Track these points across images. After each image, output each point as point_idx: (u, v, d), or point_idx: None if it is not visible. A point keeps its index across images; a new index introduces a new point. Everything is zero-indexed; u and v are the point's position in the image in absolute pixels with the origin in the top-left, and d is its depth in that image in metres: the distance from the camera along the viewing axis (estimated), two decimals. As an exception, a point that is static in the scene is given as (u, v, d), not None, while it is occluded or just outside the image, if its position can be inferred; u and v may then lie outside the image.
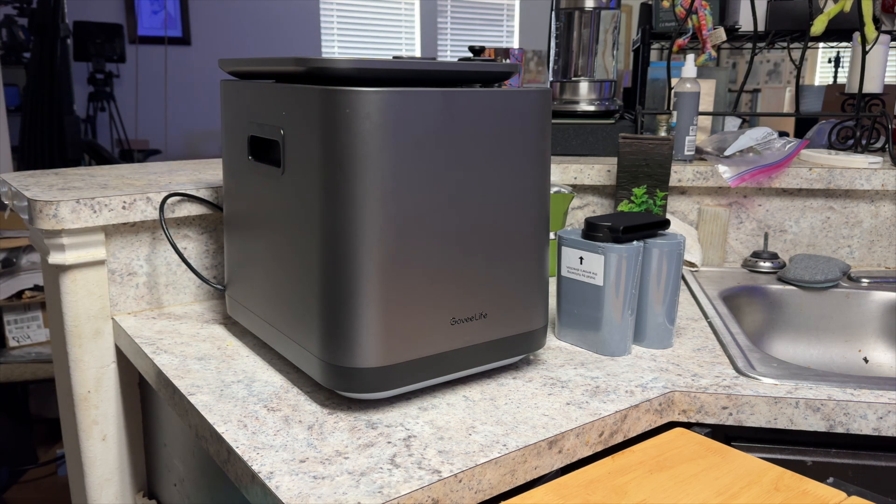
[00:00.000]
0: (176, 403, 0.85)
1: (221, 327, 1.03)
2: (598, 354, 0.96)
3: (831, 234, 1.43)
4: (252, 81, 0.87)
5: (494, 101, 0.78)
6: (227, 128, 0.94)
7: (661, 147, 1.30)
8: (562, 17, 1.55)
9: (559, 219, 1.27)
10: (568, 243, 0.97)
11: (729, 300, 1.23)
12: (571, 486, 0.70)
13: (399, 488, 0.64)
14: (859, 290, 1.28)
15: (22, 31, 3.82)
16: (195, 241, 1.12)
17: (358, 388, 0.76)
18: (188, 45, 4.85)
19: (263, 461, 0.68)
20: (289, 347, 0.83)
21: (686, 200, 1.44)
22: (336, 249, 0.73)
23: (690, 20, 1.64)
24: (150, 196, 1.03)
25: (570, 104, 1.56)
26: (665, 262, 0.96)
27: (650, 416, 0.83)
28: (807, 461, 0.87)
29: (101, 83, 4.32)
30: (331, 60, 0.72)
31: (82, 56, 4.25)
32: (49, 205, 0.95)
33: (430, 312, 0.77)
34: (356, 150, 0.71)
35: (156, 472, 1.11)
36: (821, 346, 1.29)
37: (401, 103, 0.72)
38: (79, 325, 1.02)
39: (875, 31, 1.46)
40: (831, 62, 5.67)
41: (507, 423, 0.76)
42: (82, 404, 1.05)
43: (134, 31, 4.64)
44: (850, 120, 1.55)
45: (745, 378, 0.89)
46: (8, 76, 3.76)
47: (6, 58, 3.79)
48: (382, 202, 0.72)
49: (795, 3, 1.77)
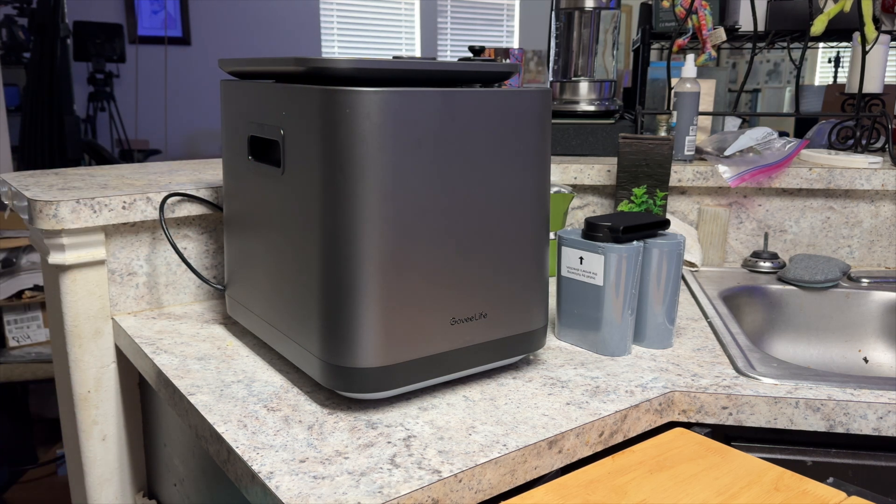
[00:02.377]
0: (176, 403, 0.85)
1: (221, 327, 1.03)
2: (598, 354, 0.96)
3: (831, 234, 1.43)
4: (252, 81, 0.87)
5: (494, 101, 0.78)
6: (227, 128, 0.94)
7: (661, 147, 1.30)
8: (562, 17, 1.55)
9: (559, 219, 1.27)
10: (568, 243, 0.97)
11: (729, 300, 1.23)
12: (571, 486, 0.70)
13: (399, 488, 0.64)
14: (859, 290, 1.28)
15: (22, 31, 3.82)
16: (195, 241, 1.12)
17: (358, 388, 0.76)
18: (188, 45, 4.85)
19: (263, 461, 0.68)
20: (289, 347, 0.83)
21: (686, 200, 1.44)
22: (336, 249, 0.73)
23: (690, 20, 1.64)
24: (150, 196, 1.03)
25: (570, 104, 1.56)
26: (665, 262, 0.96)
27: (650, 416, 0.83)
28: (807, 461, 0.87)
29: (101, 83, 4.32)
30: (331, 60, 0.72)
31: (82, 56, 4.25)
32: (49, 205, 0.95)
33: (430, 312, 0.77)
34: (356, 150, 0.71)
35: (156, 472, 1.11)
36: (821, 346, 1.29)
37: (401, 103, 0.72)
38: (79, 325, 1.02)
39: (875, 31, 1.46)
40: (831, 62, 5.68)
41: (507, 423, 0.76)
42: (82, 404, 1.05)
43: (134, 31, 4.64)
44: (850, 120, 1.55)
45: (745, 378, 0.89)
46: (8, 76, 3.76)
47: (6, 58, 3.79)
48: (382, 202, 0.72)
49: (795, 3, 1.77)
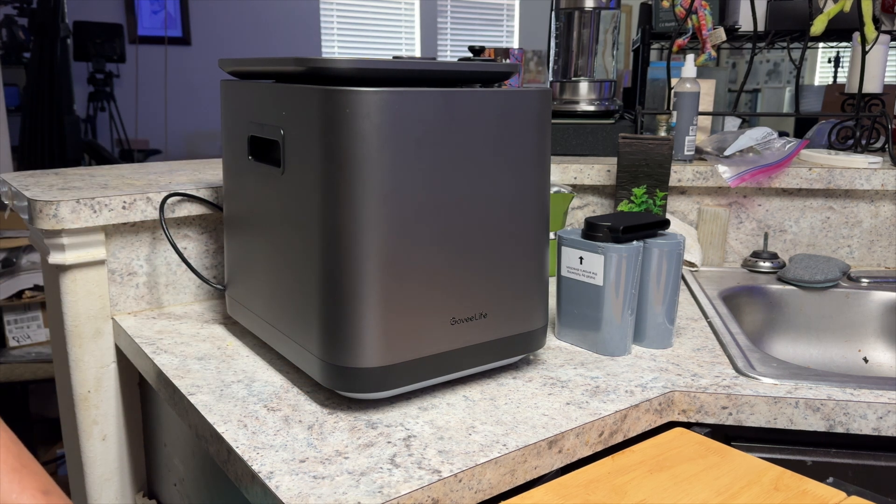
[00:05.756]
0: (176, 403, 0.85)
1: (221, 327, 1.03)
2: (598, 354, 0.96)
3: (831, 234, 1.43)
4: (252, 81, 0.87)
5: (494, 101, 0.78)
6: (227, 128, 0.94)
7: (661, 147, 1.30)
8: (562, 17, 1.55)
9: (559, 219, 1.27)
10: (568, 243, 0.97)
11: (729, 300, 1.23)
12: (571, 486, 0.70)
13: (399, 488, 0.64)
14: (859, 290, 1.28)
15: (22, 31, 3.82)
16: (195, 241, 1.12)
17: (358, 388, 0.76)
18: (188, 45, 4.85)
19: (263, 461, 0.68)
20: (289, 347, 0.83)
21: (686, 200, 1.44)
22: (336, 249, 0.73)
23: (690, 20, 1.64)
24: (150, 196, 1.03)
25: (570, 104, 1.56)
26: (665, 262, 0.96)
27: (650, 415, 0.83)
28: (807, 461, 0.87)
29: (101, 83, 4.32)
30: (331, 60, 0.72)
31: (82, 56, 4.25)
32: (49, 205, 0.95)
33: (430, 312, 0.77)
34: (356, 150, 0.71)
35: (156, 471, 1.11)
36: (821, 346, 1.29)
37: (401, 103, 0.72)
38: (79, 325, 1.02)
39: (875, 31, 1.46)
40: (831, 62, 5.67)
41: (507, 423, 0.76)
42: (82, 404, 1.05)
43: (134, 31, 4.64)
44: (849, 120, 1.55)
45: (744, 378, 0.89)
46: (8, 76, 3.76)
47: (6, 58, 3.79)
48: (382, 202, 0.72)
49: (795, 3, 1.77)
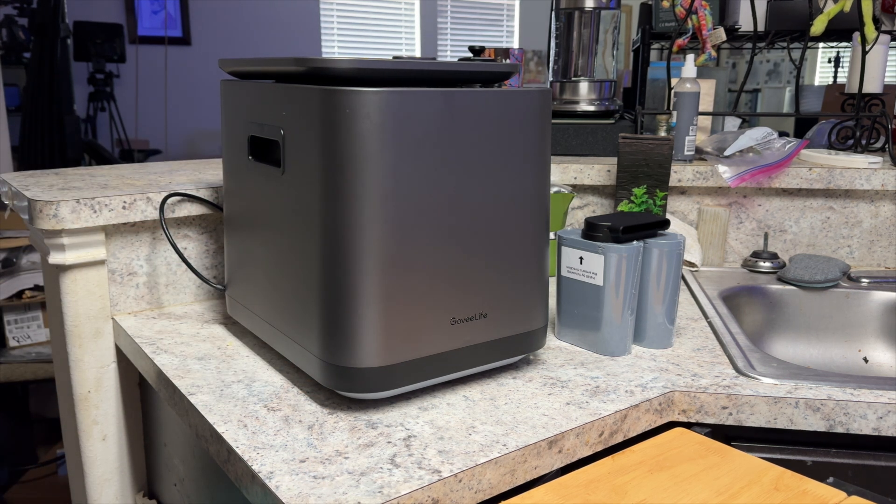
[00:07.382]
0: (176, 403, 0.85)
1: (221, 327, 1.03)
2: (598, 354, 0.96)
3: (831, 234, 1.43)
4: (252, 81, 0.87)
5: (494, 101, 0.78)
6: (227, 128, 0.94)
7: (661, 147, 1.30)
8: (562, 17, 1.55)
9: (559, 219, 1.27)
10: (568, 243, 0.97)
11: (729, 300, 1.23)
12: (571, 486, 0.70)
13: (399, 488, 0.64)
14: (859, 290, 1.28)
15: (22, 31, 3.82)
16: (195, 241, 1.12)
17: (358, 388, 0.76)
18: (188, 45, 4.85)
19: (263, 461, 0.68)
20: (289, 347, 0.83)
21: (686, 200, 1.44)
22: (336, 249, 0.73)
23: (690, 20, 1.64)
24: (151, 196, 1.03)
25: (570, 104, 1.56)
26: (665, 262, 0.96)
27: (650, 415, 0.83)
28: (807, 461, 0.87)
29: (101, 83, 4.32)
30: (331, 60, 0.72)
31: (82, 56, 4.25)
32: (49, 205, 0.95)
33: (430, 312, 0.77)
34: (356, 150, 0.71)
35: (156, 471, 1.11)
36: (821, 346, 1.29)
37: (401, 103, 0.72)
38: (79, 325, 1.02)
39: (875, 31, 1.46)
40: (831, 62, 5.67)
41: (507, 423, 0.76)
42: (82, 404, 1.05)
43: (134, 31, 4.64)
44: (849, 120, 1.55)
45: (744, 378, 0.89)
46: (8, 76, 3.76)
47: (6, 58, 3.79)
48: (382, 202, 0.72)
49: (795, 3, 1.77)
